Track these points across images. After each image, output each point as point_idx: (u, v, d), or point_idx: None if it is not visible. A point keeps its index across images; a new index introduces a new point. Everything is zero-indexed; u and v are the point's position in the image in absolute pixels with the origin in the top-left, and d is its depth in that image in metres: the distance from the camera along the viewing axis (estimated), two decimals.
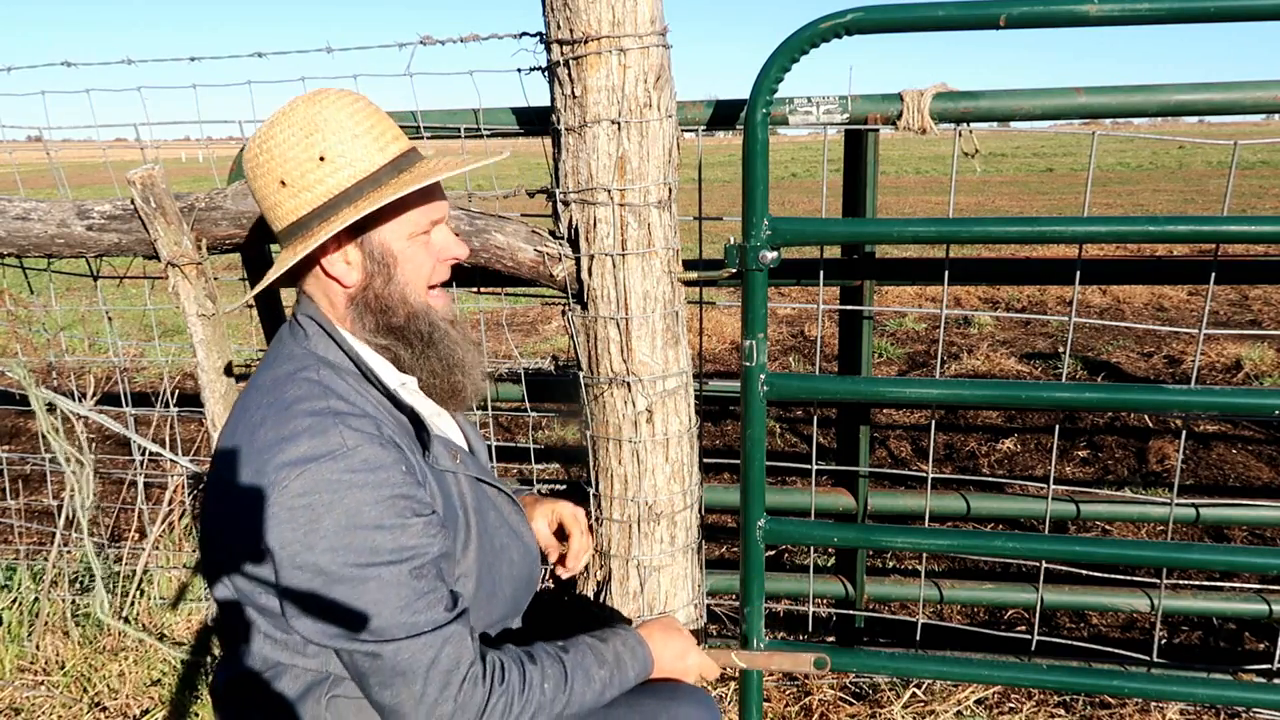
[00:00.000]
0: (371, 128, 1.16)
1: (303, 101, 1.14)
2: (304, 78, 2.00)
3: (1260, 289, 7.15)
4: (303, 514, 1.03)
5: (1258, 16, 1.38)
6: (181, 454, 2.37)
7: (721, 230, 9.10)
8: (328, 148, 1.13)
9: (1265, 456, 3.84)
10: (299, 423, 1.07)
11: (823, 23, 1.46)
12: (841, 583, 2.32)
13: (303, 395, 1.11)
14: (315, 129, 1.12)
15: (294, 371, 1.15)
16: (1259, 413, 1.61)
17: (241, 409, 1.16)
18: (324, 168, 1.13)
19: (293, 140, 1.13)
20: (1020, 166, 24.70)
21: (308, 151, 1.13)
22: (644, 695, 1.34)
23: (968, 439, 4.17)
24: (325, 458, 1.04)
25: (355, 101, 1.16)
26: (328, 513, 1.03)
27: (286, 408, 1.09)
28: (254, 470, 1.06)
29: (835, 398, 1.73)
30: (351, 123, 1.14)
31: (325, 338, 1.20)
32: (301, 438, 1.06)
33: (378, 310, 1.20)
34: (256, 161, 1.16)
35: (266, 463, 1.06)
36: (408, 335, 1.22)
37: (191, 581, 2.60)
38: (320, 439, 1.06)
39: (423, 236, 1.21)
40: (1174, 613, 2.38)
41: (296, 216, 1.16)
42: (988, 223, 1.59)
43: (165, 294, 2.00)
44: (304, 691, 1.14)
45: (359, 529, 1.04)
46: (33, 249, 2.03)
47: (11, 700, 2.28)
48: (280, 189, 1.15)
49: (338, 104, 1.14)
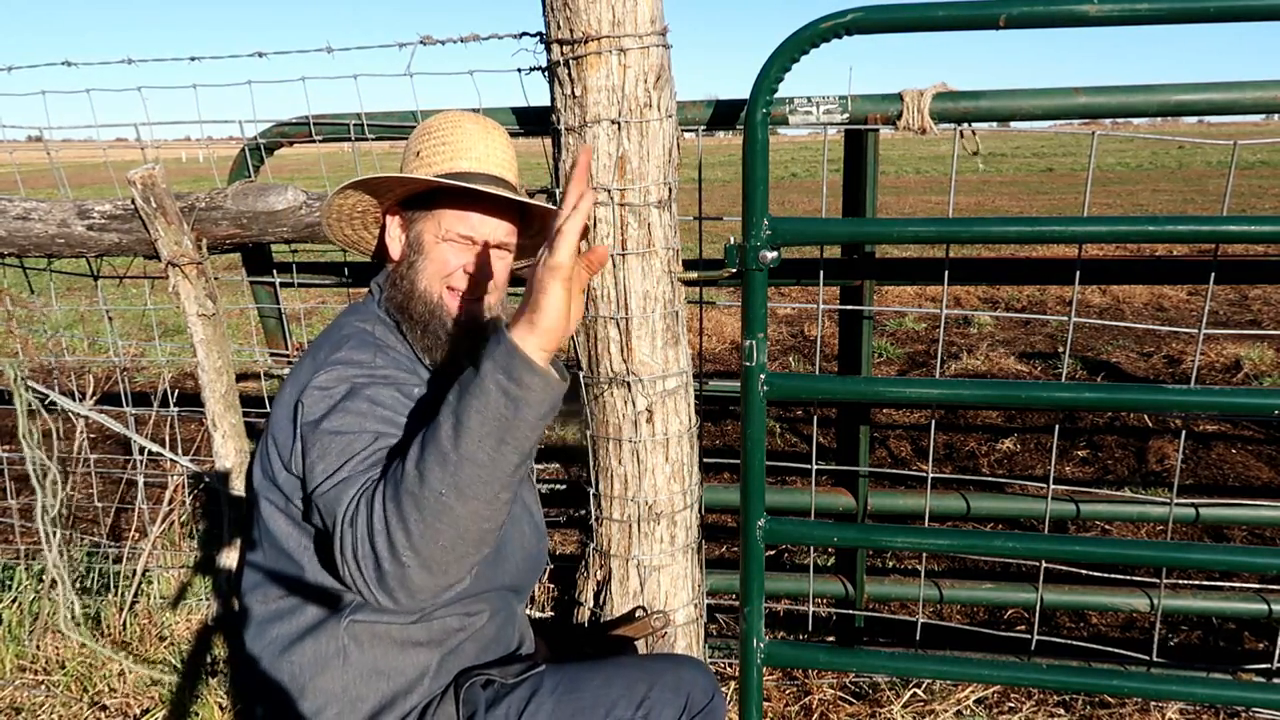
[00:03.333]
0: (501, 151, 1.38)
1: (489, 124, 1.40)
2: (304, 78, 2.00)
3: (1260, 289, 7.15)
4: (319, 392, 1.19)
5: (1258, 16, 1.38)
6: (181, 454, 2.37)
7: (721, 230, 9.10)
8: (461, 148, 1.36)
9: (1265, 456, 3.84)
10: (347, 342, 1.27)
11: (823, 23, 1.46)
12: (841, 582, 2.32)
13: (354, 332, 1.30)
14: (487, 134, 1.38)
15: (352, 321, 1.34)
16: (1259, 413, 1.61)
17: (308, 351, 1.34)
18: (445, 151, 1.35)
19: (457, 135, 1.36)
20: (1020, 166, 24.70)
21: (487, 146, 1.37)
22: (653, 660, 1.43)
23: (968, 439, 4.17)
24: (356, 365, 1.23)
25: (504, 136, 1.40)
26: (337, 388, 1.20)
27: (340, 338, 1.29)
28: (303, 372, 1.24)
29: (835, 397, 1.73)
30: (493, 140, 1.39)
31: (377, 291, 1.39)
32: (343, 346, 1.25)
33: (396, 285, 1.35)
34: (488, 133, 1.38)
35: (311, 367, 1.24)
36: (410, 314, 1.34)
37: (191, 581, 2.60)
38: (361, 351, 1.25)
39: (451, 242, 1.33)
40: (1174, 612, 2.38)
41: (408, 167, 1.38)
42: (988, 223, 1.59)
43: (165, 294, 2.00)
44: (320, 620, 1.24)
45: (348, 413, 1.17)
46: (33, 249, 2.03)
47: (12, 700, 2.28)
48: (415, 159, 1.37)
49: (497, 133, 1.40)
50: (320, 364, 1.22)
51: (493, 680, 1.31)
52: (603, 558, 1.88)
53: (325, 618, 1.23)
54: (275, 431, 1.23)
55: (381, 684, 1.24)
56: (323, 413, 1.16)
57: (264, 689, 1.26)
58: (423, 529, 0.98)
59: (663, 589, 1.87)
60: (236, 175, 2.10)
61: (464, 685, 1.29)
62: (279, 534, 1.24)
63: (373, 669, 1.23)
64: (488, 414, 0.98)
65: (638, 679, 1.35)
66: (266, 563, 1.27)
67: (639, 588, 1.86)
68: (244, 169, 2.09)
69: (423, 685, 1.27)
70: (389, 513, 1.00)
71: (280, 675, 1.24)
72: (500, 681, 1.31)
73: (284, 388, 1.27)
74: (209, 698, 2.21)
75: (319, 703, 1.22)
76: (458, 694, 1.28)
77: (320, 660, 1.23)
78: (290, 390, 1.24)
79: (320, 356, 1.24)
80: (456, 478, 0.98)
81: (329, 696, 1.22)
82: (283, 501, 1.23)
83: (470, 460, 0.98)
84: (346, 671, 1.22)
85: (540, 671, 1.33)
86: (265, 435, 1.27)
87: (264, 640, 1.27)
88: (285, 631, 1.25)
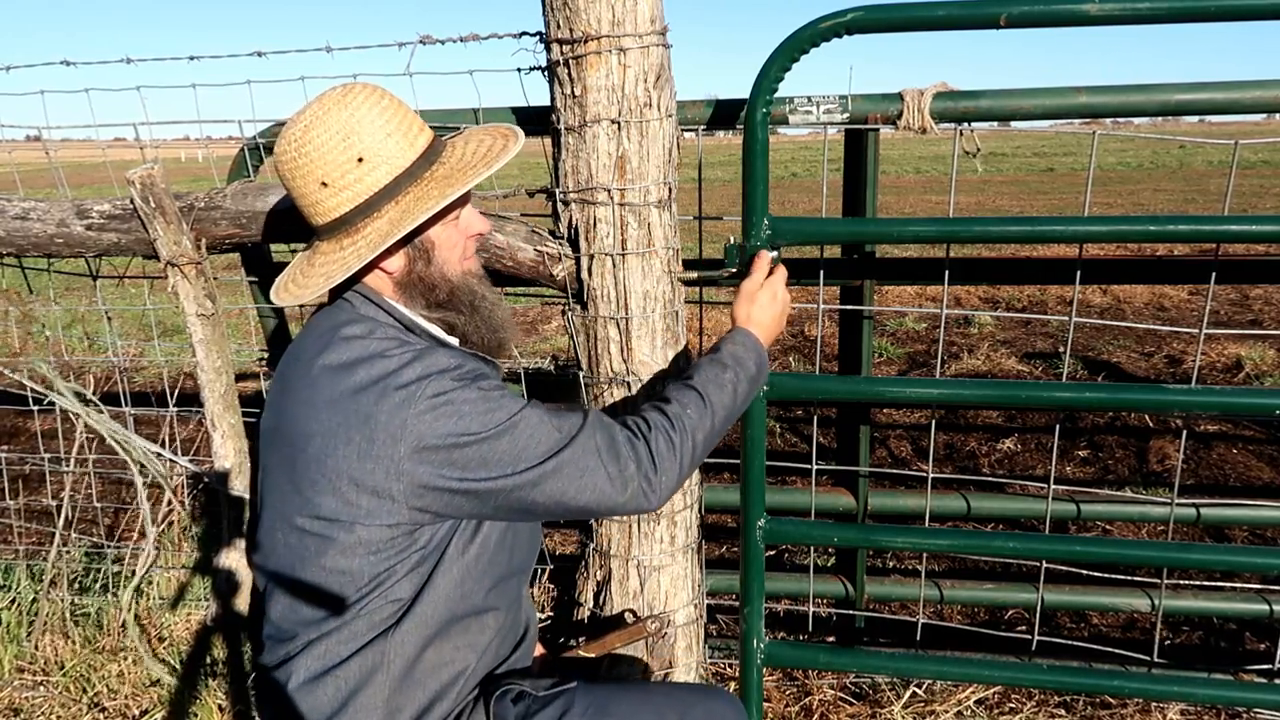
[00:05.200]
0: (400, 123, 1.23)
1: (334, 104, 1.20)
2: (304, 77, 2.00)
3: (1261, 289, 7.14)
4: (441, 404, 1.16)
5: (1258, 16, 1.38)
6: (181, 454, 2.37)
7: (722, 230, 9.09)
8: (365, 148, 1.20)
9: (1265, 456, 3.83)
10: (399, 353, 1.20)
11: (823, 22, 1.46)
12: (841, 583, 2.31)
13: (387, 343, 1.22)
14: (351, 132, 1.19)
15: (369, 331, 1.24)
16: (1259, 413, 1.61)
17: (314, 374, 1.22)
18: (362, 168, 1.21)
19: (331, 144, 1.19)
20: (1020, 166, 24.69)
21: (346, 154, 1.20)
22: (683, 691, 1.42)
23: (968, 439, 4.17)
24: (436, 372, 1.18)
25: (382, 99, 1.23)
26: (463, 396, 1.17)
27: (379, 353, 1.20)
28: (373, 395, 1.16)
29: (835, 397, 1.73)
30: (382, 121, 1.21)
31: (372, 305, 1.29)
32: (409, 363, 1.19)
33: (424, 289, 1.29)
34: (295, 163, 1.22)
35: (386, 387, 1.16)
36: (456, 304, 1.32)
37: (191, 581, 2.60)
38: (424, 361, 1.19)
39: (454, 220, 1.30)
40: (1174, 613, 2.38)
41: (340, 213, 1.23)
42: (988, 222, 1.59)
43: (165, 294, 1.99)
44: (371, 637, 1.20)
45: (490, 401, 1.19)
46: (32, 249, 2.03)
47: (11, 700, 2.28)
48: (321, 189, 1.22)
49: (367, 103, 1.21)
50: (413, 389, 1.15)
51: (524, 693, 1.30)
52: (602, 558, 1.88)
53: (376, 635, 1.20)
54: (374, 469, 1.15)
55: (419, 693, 1.22)
56: (479, 421, 1.17)
57: (297, 710, 1.22)
58: (696, 456, 1.32)
59: (663, 589, 1.87)
60: (236, 175, 2.10)
61: (494, 695, 1.28)
62: (346, 559, 1.18)
63: (413, 678, 1.22)
64: (752, 383, 1.44)
65: (667, 708, 1.34)
66: (320, 585, 1.21)
67: (639, 588, 1.85)
68: (243, 169, 2.09)
69: (457, 688, 1.26)
70: (679, 444, 1.28)
71: (323, 692, 1.20)
72: (532, 694, 1.29)
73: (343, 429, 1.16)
74: (208, 698, 2.21)
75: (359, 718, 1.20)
76: (488, 705, 1.27)
77: (365, 674, 1.19)
78: (377, 428, 1.15)
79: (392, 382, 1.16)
80: (727, 421, 1.39)
81: (370, 710, 1.19)
82: (379, 526, 1.17)
83: (738, 410, 1.41)
84: (389, 684, 1.20)
85: (572, 689, 1.32)
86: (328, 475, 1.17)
87: (305, 660, 1.21)
88: (332, 650, 1.20)
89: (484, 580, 1.28)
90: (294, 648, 1.22)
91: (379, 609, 1.20)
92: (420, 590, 1.21)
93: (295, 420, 1.21)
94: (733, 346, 1.44)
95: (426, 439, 1.14)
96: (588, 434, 1.23)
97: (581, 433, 1.23)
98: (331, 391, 1.18)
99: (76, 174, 18.61)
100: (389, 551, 1.19)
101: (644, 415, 1.31)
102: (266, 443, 1.30)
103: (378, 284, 1.29)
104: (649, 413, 1.32)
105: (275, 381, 1.32)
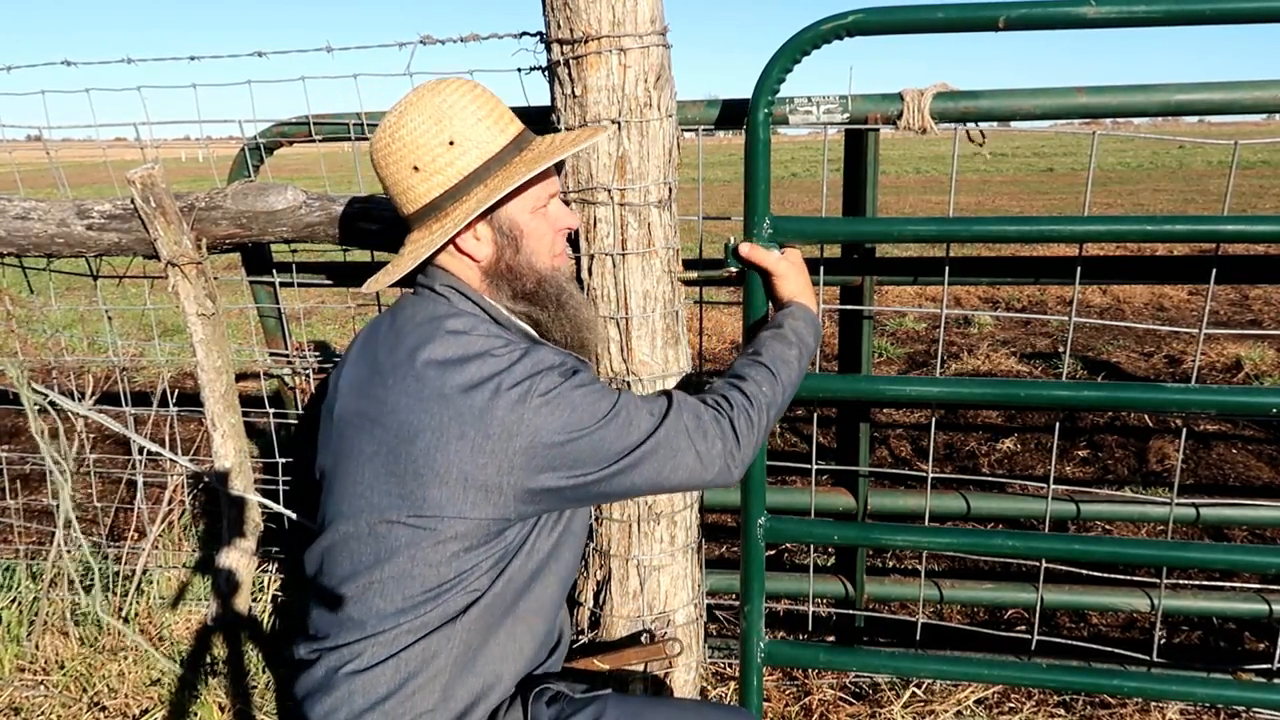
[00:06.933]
0: (491, 111, 1.26)
1: (427, 91, 1.24)
2: (304, 77, 2.00)
3: (1260, 289, 7.14)
4: (554, 399, 1.18)
5: (1255, 18, 1.38)
6: (181, 453, 2.37)
7: (722, 230, 9.10)
8: (456, 132, 1.23)
9: (1265, 456, 3.84)
10: (506, 352, 1.21)
11: (824, 24, 1.46)
12: (841, 582, 2.31)
13: (492, 340, 1.23)
14: (443, 116, 1.23)
15: (471, 327, 1.24)
16: (1259, 412, 1.61)
17: (419, 366, 1.20)
18: (453, 151, 1.23)
19: (423, 128, 1.23)
20: (1020, 166, 24.69)
21: (438, 137, 1.23)
22: (712, 709, 1.45)
23: (968, 439, 4.17)
24: (545, 369, 1.20)
25: (475, 89, 1.27)
26: (572, 390, 1.20)
27: (488, 350, 1.21)
28: (487, 392, 1.17)
29: (835, 395, 1.73)
30: (474, 108, 1.25)
31: (469, 302, 1.29)
32: (518, 360, 1.20)
33: (511, 279, 1.30)
34: (389, 149, 1.25)
35: (500, 384, 1.17)
36: (542, 299, 1.33)
37: (191, 581, 2.60)
38: (531, 358, 1.21)
39: (542, 210, 1.32)
40: (1174, 612, 2.38)
41: (430, 198, 1.26)
42: (988, 222, 1.59)
43: (165, 294, 2.00)
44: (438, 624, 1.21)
45: (595, 393, 1.23)
46: (32, 248, 2.03)
47: (11, 700, 2.28)
48: (413, 174, 1.25)
49: (459, 92, 1.25)
50: (525, 385, 1.17)
51: (560, 694, 1.31)
52: (602, 557, 1.88)
53: (445, 622, 1.21)
54: (487, 464, 1.16)
55: (474, 681, 1.23)
56: (589, 413, 1.20)
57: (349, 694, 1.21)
58: (767, 429, 1.37)
59: (663, 589, 1.87)
60: (236, 175, 2.10)
61: (531, 695, 1.29)
62: (438, 552, 1.19)
63: (471, 666, 1.23)
64: (811, 355, 1.47)
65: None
66: (406, 577, 1.21)
67: (639, 588, 1.86)
68: (244, 169, 2.09)
69: (504, 683, 1.27)
70: (756, 420, 1.33)
71: (382, 673, 1.20)
72: (569, 696, 1.30)
73: (456, 424, 1.16)
74: (208, 698, 2.21)
75: (414, 701, 1.20)
76: (525, 703, 1.28)
77: (427, 658, 1.20)
78: (492, 423, 1.16)
79: (505, 379, 1.17)
80: (792, 392, 1.44)
81: (427, 693, 1.20)
82: (482, 520, 1.19)
83: (799, 381, 1.45)
84: (449, 668, 1.21)
85: (605, 696, 1.32)
86: (438, 469, 1.17)
87: (370, 647, 1.20)
88: (401, 638, 1.20)
89: (545, 579, 1.30)
90: (358, 635, 1.21)
91: (455, 599, 1.20)
92: (493, 582, 1.23)
93: (398, 411, 1.19)
94: (794, 322, 1.48)
95: (541, 434, 1.17)
96: (676, 414, 1.26)
97: (670, 413, 1.26)
98: (441, 386, 1.18)
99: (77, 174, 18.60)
100: (480, 549, 1.20)
101: (724, 394, 1.35)
102: (349, 429, 1.26)
103: (466, 275, 1.30)
104: (729, 391, 1.35)
105: (359, 367, 1.30)
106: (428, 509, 1.17)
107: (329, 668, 1.22)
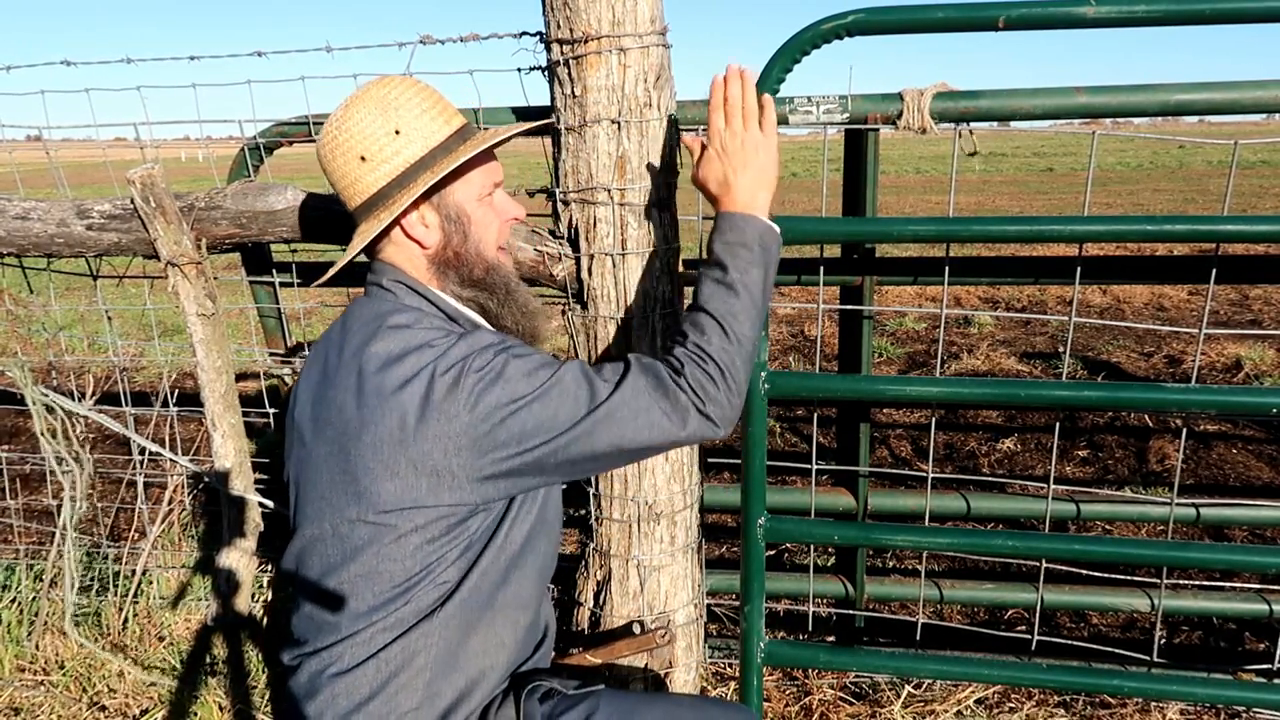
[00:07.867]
0: (435, 104, 1.29)
1: (373, 86, 1.28)
2: (304, 77, 2.00)
3: (1260, 289, 7.15)
4: (489, 376, 1.18)
5: (1254, 18, 1.38)
6: (181, 453, 2.37)
7: None
8: (402, 122, 1.26)
9: (1265, 456, 3.84)
10: (444, 341, 1.22)
11: (824, 24, 1.46)
12: (841, 582, 2.31)
13: (433, 332, 1.24)
14: (389, 107, 1.26)
15: (415, 321, 1.25)
16: (1259, 412, 1.61)
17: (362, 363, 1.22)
18: (400, 140, 1.26)
19: (370, 119, 1.25)
20: (1020, 166, 24.68)
21: (384, 127, 1.25)
22: (708, 705, 1.43)
23: (968, 439, 4.17)
24: (480, 348, 1.21)
25: (418, 84, 1.30)
26: (508, 364, 1.20)
27: (427, 342, 1.21)
28: (424, 380, 1.18)
29: (835, 396, 1.73)
30: (419, 100, 1.28)
31: (416, 295, 1.30)
32: (454, 345, 1.21)
33: (459, 265, 1.32)
34: (335, 141, 1.27)
35: (435, 370, 1.18)
36: (491, 285, 1.34)
37: (191, 581, 2.60)
38: (467, 340, 1.22)
39: (488, 198, 1.34)
40: (1174, 612, 2.38)
41: (378, 188, 1.27)
42: (987, 222, 1.59)
43: (165, 294, 2.00)
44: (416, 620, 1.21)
45: (534, 363, 1.22)
46: (32, 248, 2.03)
47: (11, 700, 2.28)
48: (360, 164, 1.27)
49: (404, 86, 1.28)
50: (460, 366, 1.18)
51: (553, 691, 1.30)
52: (602, 558, 1.88)
53: (421, 619, 1.21)
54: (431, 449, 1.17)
55: (458, 678, 1.23)
56: (526, 383, 1.19)
57: (332, 696, 1.21)
58: (743, 367, 1.30)
59: (663, 589, 1.87)
60: (236, 175, 2.10)
61: (524, 691, 1.29)
62: (400, 547, 1.19)
63: (453, 663, 1.23)
64: (770, 271, 1.37)
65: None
66: (371, 574, 1.21)
67: (639, 588, 1.86)
68: (243, 168, 2.09)
69: (490, 680, 1.27)
70: (725, 366, 1.27)
71: (364, 674, 1.20)
72: (561, 693, 1.30)
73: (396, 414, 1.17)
74: (208, 698, 2.21)
75: (398, 700, 1.20)
76: (517, 699, 1.28)
77: (408, 656, 1.20)
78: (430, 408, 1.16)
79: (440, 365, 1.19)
80: (756, 324, 1.33)
81: (410, 691, 1.20)
82: (440, 508, 1.19)
83: (763, 308, 1.35)
84: (430, 666, 1.21)
85: (598, 692, 1.32)
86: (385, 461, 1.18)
87: (348, 648, 1.21)
88: (378, 637, 1.21)
89: (521, 570, 1.30)
90: (335, 637, 1.21)
91: (426, 594, 1.20)
92: (465, 575, 1.22)
93: (344, 410, 1.21)
94: (725, 238, 1.36)
95: (479, 410, 1.16)
96: (634, 376, 1.24)
97: (627, 376, 1.24)
98: (381, 382, 1.19)
99: (77, 174, 18.62)
100: (442, 539, 1.20)
101: (673, 354, 1.31)
102: (307, 433, 1.28)
103: (414, 266, 1.31)
104: (675, 350, 1.32)
105: (312, 371, 1.32)
106: (384, 504, 1.18)
107: (312, 672, 1.22)
